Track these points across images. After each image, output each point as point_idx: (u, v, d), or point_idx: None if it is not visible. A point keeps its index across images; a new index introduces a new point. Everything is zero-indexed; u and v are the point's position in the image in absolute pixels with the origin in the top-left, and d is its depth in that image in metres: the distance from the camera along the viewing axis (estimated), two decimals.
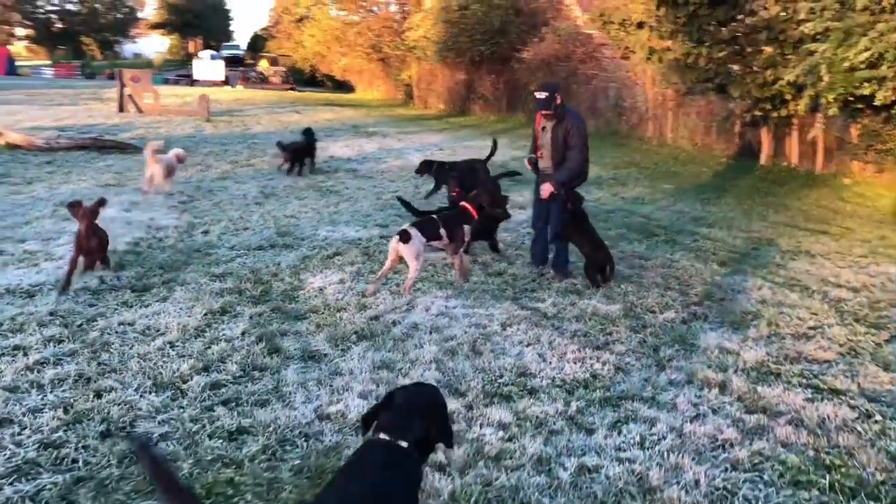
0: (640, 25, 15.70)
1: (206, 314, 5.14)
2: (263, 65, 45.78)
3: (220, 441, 3.49)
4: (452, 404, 3.84)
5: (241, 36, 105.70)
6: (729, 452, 3.56)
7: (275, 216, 8.76)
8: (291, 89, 42.39)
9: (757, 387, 4.32)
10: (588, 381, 4.32)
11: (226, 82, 42.23)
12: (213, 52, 50.52)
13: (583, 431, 3.72)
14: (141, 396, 3.89)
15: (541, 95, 6.18)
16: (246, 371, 4.29)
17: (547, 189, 6.36)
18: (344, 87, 44.60)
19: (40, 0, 64.88)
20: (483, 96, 27.69)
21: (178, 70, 50.25)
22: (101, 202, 5.96)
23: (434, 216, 6.39)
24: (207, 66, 43.77)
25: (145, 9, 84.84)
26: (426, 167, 9.99)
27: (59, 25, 65.99)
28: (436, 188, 9.96)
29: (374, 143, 17.41)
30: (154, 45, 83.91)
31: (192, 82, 41.81)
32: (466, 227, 6.30)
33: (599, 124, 20.20)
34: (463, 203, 6.50)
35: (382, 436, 2.40)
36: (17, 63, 47.10)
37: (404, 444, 2.37)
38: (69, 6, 68.87)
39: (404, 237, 5.80)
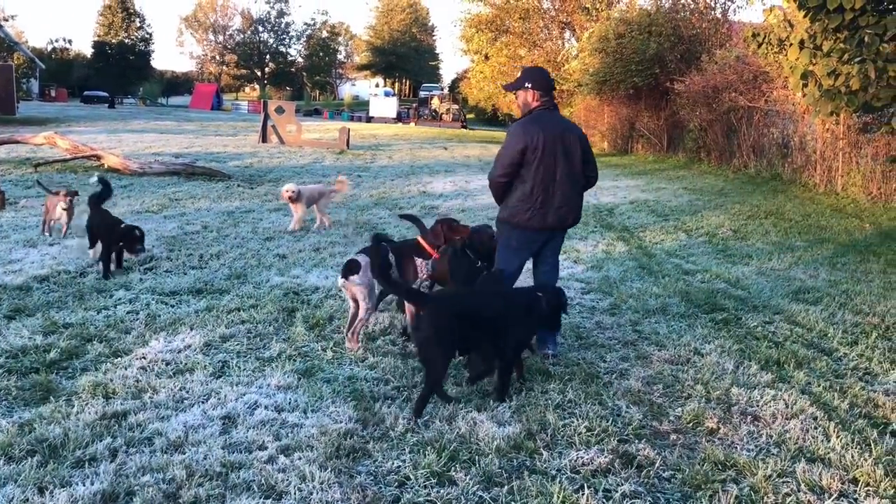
0: (802, 45, 12.74)
1: None
2: (436, 103, 46.12)
3: None
4: None
5: (450, 77, 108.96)
6: None
7: (261, 255, 7.48)
8: (463, 126, 42.09)
9: None
10: None
11: (398, 119, 42.95)
12: (388, 90, 52.05)
13: None
14: None
15: None
16: None
17: None
18: None
19: (272, 41, 71.23)
20: (644, 134, 25.07)
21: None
22: None
23: (385, 243, 4.95)
24: (381, 103, 44.96)
25: (360, 53, 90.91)
26: None
27: (272, 66, 72.21)
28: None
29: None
30: (367, 87, 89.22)
31: (369, 119, 42.99)
32: (419, 261, 4.96)
33: (761, 167, 16.99)
34: (419, 238, 5.11)
35: None
36: (224, 99, 51.69)
37: None
38: (287, 49, 75.17)
39: (350, 268, 4.28)
